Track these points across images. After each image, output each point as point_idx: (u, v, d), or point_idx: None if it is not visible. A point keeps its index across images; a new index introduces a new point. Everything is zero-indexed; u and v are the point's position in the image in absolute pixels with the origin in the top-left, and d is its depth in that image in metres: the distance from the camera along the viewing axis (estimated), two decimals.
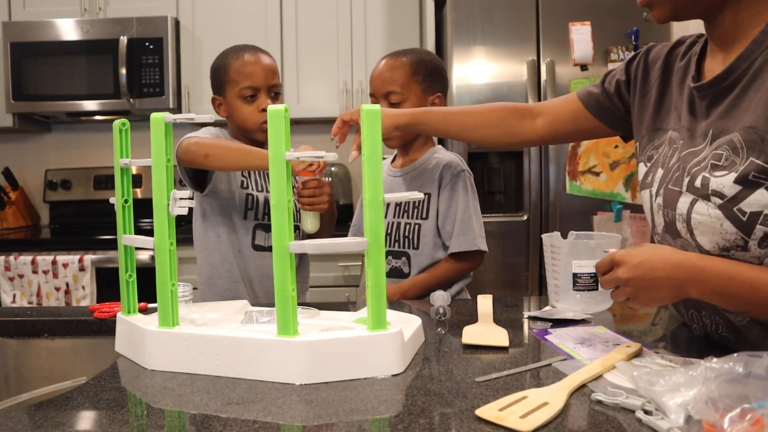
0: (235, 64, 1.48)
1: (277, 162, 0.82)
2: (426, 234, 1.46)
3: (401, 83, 1.44)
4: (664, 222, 0.91)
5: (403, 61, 1.46)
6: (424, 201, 1.47)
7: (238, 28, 2.73)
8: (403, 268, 1.48)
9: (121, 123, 0.97)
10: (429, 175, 1.48)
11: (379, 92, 1.46)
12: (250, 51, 1.50)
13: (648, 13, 0.93)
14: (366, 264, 0.85)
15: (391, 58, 1.48)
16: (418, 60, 1.46)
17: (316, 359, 0.81)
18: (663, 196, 0.91)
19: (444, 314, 1.14)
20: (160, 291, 0.90)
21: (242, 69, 1.47)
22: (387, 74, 1.45)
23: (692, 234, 0.85)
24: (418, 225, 1.47)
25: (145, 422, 0.72)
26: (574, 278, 1.18)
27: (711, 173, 0.83)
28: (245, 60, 1.48)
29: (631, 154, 2.17)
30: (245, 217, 1.51)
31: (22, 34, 2.67)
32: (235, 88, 1.47)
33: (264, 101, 1.48)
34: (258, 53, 1.51)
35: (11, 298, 2.38)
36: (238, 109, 1.48)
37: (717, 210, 0.81)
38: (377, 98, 1.47)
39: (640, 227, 2.20)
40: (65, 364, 1.17)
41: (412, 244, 1.47)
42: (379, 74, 1.46)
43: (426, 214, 1.46)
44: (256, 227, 1.51)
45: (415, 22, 2.76)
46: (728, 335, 0.89)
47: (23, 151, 3.08)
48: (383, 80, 1.45)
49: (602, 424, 0.67)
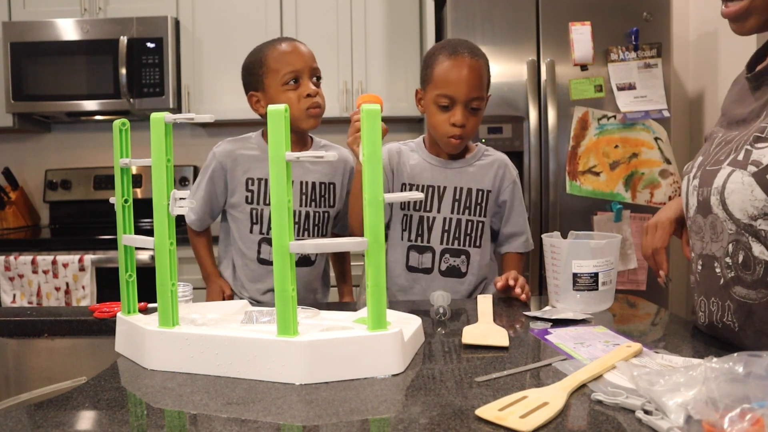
0: (273, 53, 1.42)
1: (277, 162, 0.82)
2: (486, 232, 1.45)
3: (483, 87, 1.36)
4: (697, 202, 0.96)
5: (481, 64, 1.36)
6: (483, 197, 1.44)
7: (238, 28, 2.73)
8: (461, 267, 1.44)
9: (121, 123, 0.97)
10: (488, 171, 1.45)
11: (464, 98, 1.34)
12: (285, 40, 1.45)
13: (648, 14, 0.95)
14: (366, 264, 0.85)
15: (470, 58, 1.35)
16: (486, 60, 1.39)
17: (316, 359, 0.81)
18: (700, 177, 0.96)
19: (444, 314, 1.14)
20: (160, 291, 0.90)
21: (281, 57, 1.41)
22: (475, 80, 1.34)
23: (724, 205, 0.89)
24: (481, 223, 1.44)
25: (145, 422, 0.72)
26: (574, 278, 1.18)
27: (753, 145, 0.87)
28: (282, 48, 1.42)
29: (631, 154, 2.17)
30: (251, 231, 1.49)
31: (22, 34, 2.67)
32: (275, 77, 1.40)
33: (308, 86, 1.40)
34: (293, 41, 1.46)
35: (11, 298, 2.38)
36: (281, 99, 1.40)
37: (750, 177, 0.85)
38: (455, 102, 1.34)
39: (640, 227, 2.20)
40: (65, 364, 1.16)
41: (474, 242, 1.44)
42: (467, 78, 1.33)
43: (485, 211, 1.45)
44: (261, 241, 1.49)
45: (415, 22, 2.76)
46: (732, 323, 0.91)
47: (23, 151, 3.08)
48: (471, 86, 1.34)
49: (602, 424, 0.67)
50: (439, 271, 1.44)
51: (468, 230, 1.44)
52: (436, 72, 1.36)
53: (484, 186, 1.44)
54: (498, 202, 1.48)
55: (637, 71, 2.19)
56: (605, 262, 1.18)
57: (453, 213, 1.43)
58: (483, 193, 1.44)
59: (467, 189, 1.44)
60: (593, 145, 2.18)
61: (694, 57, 2.57)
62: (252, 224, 1.48)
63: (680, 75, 2.62)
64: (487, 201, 1.45)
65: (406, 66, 2.76)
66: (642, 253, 1.17)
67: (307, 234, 1.49)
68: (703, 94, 2.50)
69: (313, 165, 1.50)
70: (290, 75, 1.40)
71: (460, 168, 1.45)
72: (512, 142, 2.20)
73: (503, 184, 1.47)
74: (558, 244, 1.21)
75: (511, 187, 1.47)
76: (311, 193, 1.48)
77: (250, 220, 1.48)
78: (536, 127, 2.19)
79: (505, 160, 1.49)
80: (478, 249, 1.45)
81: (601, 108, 2.19)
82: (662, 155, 2.18)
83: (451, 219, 1.43)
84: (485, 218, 1.45)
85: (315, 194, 1.49)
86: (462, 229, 1.43)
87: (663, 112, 2.16)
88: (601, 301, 1.19)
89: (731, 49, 2.27)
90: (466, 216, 1.44)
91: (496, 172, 1.46)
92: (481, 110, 1.38)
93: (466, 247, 1.44)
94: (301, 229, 1.48)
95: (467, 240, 1.44)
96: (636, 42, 2.17)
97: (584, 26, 2.17)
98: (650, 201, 2.18)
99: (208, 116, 0.96)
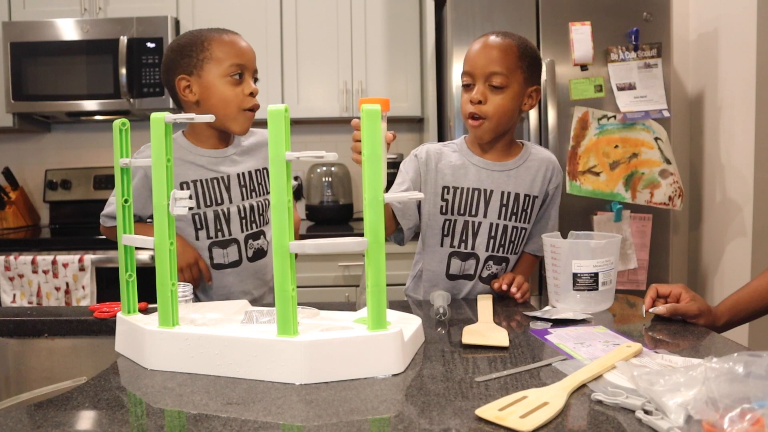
0: (219, 41, 1.32)
1: (277, 162, 0.82)
2: (526, 238, 1.40)
3: (507, 66, 1.28)
4: None
5: (510, 43, 1.30)
6: (530, 203, 1.38)
7: (238, 28, 2.69)
8: (499, 274, 1.39)
9: (121, 123, 0.97)
10: (537, 175, 1.38)
11: (480, 72, 1.29)
12: (231, 32, 1.36)
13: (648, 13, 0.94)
14: (366, 264, 0.84)
15: (495, 35, 1.31)
16: (524, 45, 1.32)
17: (316, 359, 0.81)
18: None
19: (444, 314, 1.14)
20: (160, 291, 0.90)
21: (229, 48, 1.31)
22: (494, 53, 1.28)
23: None
24: (525, 229, 1.39)
25: (145, 422, 0.72)
26: (574, 278, 1.18)
27: None
28: (229, 38, 1.33)
29: (631, 154, 2.17)
30: (197, 238, 1.38)
31: (22, 34, 2.67)
32: (218, 66, 1.30)
33: (250, 85, 1.33)
34: (238, 34, 1.36)
35: (11, 298, 2.38)
36: (220, 90, 1.31)
37: None
38: (474, 78, 1.30)
39: (640, 227, 2.20)
40: (65, 364, 1.17)
41: (515, 250, 1.39)
42: (484, 52, 1.29)
43: (530, 218, 1.39)
44: (211, 246, 1.39)
45: (415, 22, 2.76)
46: None
47: (23, 151, 3.08)
48: (489, 59, 1.28)
49: (602, 424, 0.67)
50: (480, 278, 1.39)
51: (512, 237, 1.38)
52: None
53: (533, 192, 1.38)
54: (540, 205, 1.42)
55: (637, 71, 2.18)
56: (605, 262, 1.18)
57: (500, 219, 1.36)
58: (530, 198, 1.38)
59: (515, 194, 1.37)
60: (593, 145, 2.18)
61: (694, 57, 2.57)
62: (197, 230, 1.37)
63: (680, 75, 2.61)
64: (533, 207, 1.39)
65: (406, 66, 2.76)
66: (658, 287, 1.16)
67: (255, 226, 1.42)
68: (703, 94, 2.50)
69: (239, 156, 1.41)
70: (235, 68, 1.31)
71: (507, 171, 1.38)
72: None
73: (549, 187, 1.41)
74: (558, 244, 1.21)
75: (554, 190, 1.42)
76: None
77: (193, 227, 1.37)
78: (536, 126, 2.19)
79: (553, 161, 1.42)
80: (515, 256, 1.40)
81: (601, 108, 2.19)
82: (662, 155, 2.18)
83: (498, 225, 1.36)
84: (529, 225, 1.40)
85: (253, 183, 1.41)
86: (508, 236, 1.37)
87: (663, 112, 2.16)
88: (601, 301, 1.19)
89: (731, 49, 2.27)
90: (512, 222, 1.37)
91: (544, 175, 1.40)
92: (506, 90, 1.29)
93: (508, 255, 1.39)
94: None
95: (511, 247, 1.38)
96: (636, 42, 2.17)
97: (584, 26, 2.17)
98: (650, 201, 2.18)
99: (208, 116, 0.96)
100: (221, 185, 1.38)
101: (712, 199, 2.44)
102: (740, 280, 2.10)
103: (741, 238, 2.24)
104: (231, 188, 1.39)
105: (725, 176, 2.35)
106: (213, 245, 1.39)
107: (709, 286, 2.46)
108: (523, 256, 1.47)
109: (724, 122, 2.35)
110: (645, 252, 2.21)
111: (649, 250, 2.20)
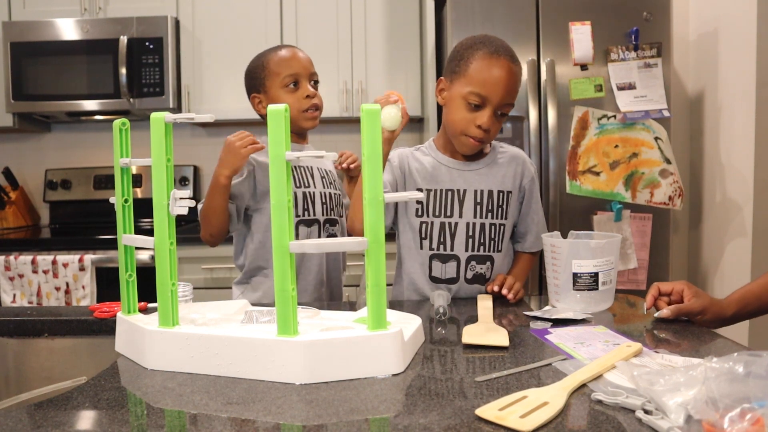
0: (274, 58, 1.52)
1: (277, 162, 0.82)
2: (506, 234, 1.42)
3: (515, 96, 1.33)
4: None
5: (518, 70, 1.32)
6: (505, 198, 1.40)
7: (238, 28, 2.73)
8: (486, 274, 1.39)
9: (121, 123, 0.97)
10: (507, 170, 1.41)
11: (497, 102, 1.29)
12: (286, 47, 1.56)
13: (648, 13, 0.93)
14: (366, 264, 0.85)
15: (510, 62, 1.30)
16: (521, 67, 1.35)
17: (316, 359, 0.81)
18: None
19: (444, 314, 1.14)
20: (160, 291, 0.90)
21: (282, 62, 1.51)
22: (512, 83, 1.30)
23: None
24: (503, 225, 1.40)
25: (145, 422, 0.72)
26: (574, 278, 1.18)
27: None
28: (283, 54, 1.53)
29: (631, 154, 2.17)
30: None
31: (22, 34, 2.67)
32: (276, 79, 1.50)
33: (307, 88, 1.51)
34: (293, 48, 1.57)
35: (11, 297, 2.38)
36: (282, 99, 1.49)
37: None
38: (487, 103, 1.29)
39: (640, 227, 2.20)
40: (65, 364, 1.17)
41: (497, 247, 1.40)
42: (505, 82, 1.28)
43: (507, 213, 1.41)
44: (298, 224, 1.51)
45: (415, 22, 2.76)
46: None
47: (23, 151, 3.08)
48: (508, 91, 1.29)
49: (602, 423, 0.67)
50: (465, 280, 1.39)
51: (492, 234, 1.39)
52: (472, 68, 1.29)
53: (505, 187, 1.40)
54: (519, 201, 1.44)
55: (637, 71, 2.18)
56: (605, 261, 1.18)
57: (476, 217, 1.38)
58: (504, 194, 1.40)
59: (488, 191, 1.39)
60: (593, 144, 2.18)
61: (694, 57, 2.57)
62: None
63: (680, 75, 2.61)
64: (508, 203, 1.40)
65: (406, 66, 2.76)
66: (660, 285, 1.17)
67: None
68: (703, 93, 2.50)
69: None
70: (290, 78, 1.50)
71: (478, 169, 1.40)
72: (512, 141, 2.20)
73: (523, 182, 1.43)
74: (558, 243, 1.21)
75: (529, 184, 1.44)
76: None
77: None
78: (536, 126, 2.19)
79: (522, 156, 1.45)
80: (499, 253, 1.41)
81: (601, 108, 2.19)
82: (662, 155, 2.18)
83: (475, 224, 1.38)
84: (507, 220, 1.41)
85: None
86: (486, 233, 1.38)
87: (663, 112, 2.16)
88: (601, 300, 1.19)
89: (731, 49, 2.27)
90: (489, 220, 1.38)
91: (515, 170, 1.42)
92: (506, 117, 1.34)
93: (490, 253, 1.39)
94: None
95: (492, 245, 1.39)
96: (636, 42, 2.17)
97: (584, 26, 2.17)
98: (650, 201, 2.18)
99: (208, 116, 0.96)
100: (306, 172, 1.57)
101: (712, 199, 2.44)
102: (740, 280, 2.10)
103: (741, 238, 2.24)
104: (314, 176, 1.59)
105: (725, 176, 2.35)
106: (299, 224, 1.52)
107: (709, 286, 2.46)
108: (519, 256, 1.48)
109: (724, 122, 2.35)
110: (645, 252, 2.21)
111: (649, 249, 2.20)
